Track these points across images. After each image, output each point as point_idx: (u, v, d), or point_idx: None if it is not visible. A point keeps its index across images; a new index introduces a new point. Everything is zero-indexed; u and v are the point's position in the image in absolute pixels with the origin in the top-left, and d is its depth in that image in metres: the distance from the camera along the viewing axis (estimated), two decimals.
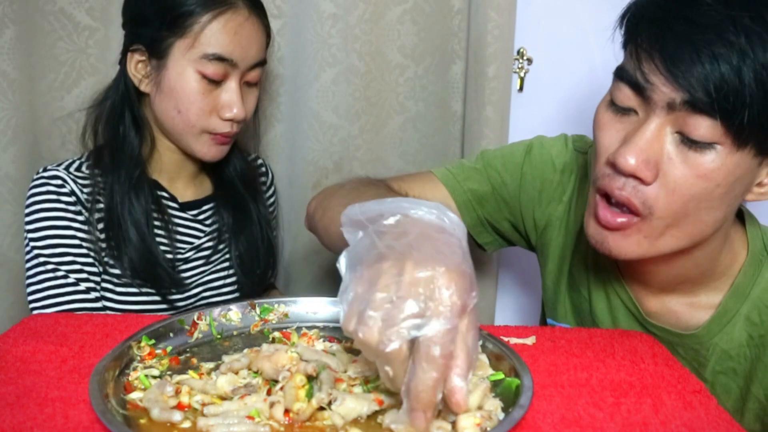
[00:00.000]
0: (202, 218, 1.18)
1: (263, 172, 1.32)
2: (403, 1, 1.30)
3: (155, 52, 1.05)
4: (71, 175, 1.07)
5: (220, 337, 0.78)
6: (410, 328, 0.52)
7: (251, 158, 1.29)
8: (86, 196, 1.07)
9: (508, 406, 0.61)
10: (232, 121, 1.08)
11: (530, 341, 0.78)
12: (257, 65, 1.10)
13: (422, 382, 0.52)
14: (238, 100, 1.07)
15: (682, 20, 0.71)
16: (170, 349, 0.74)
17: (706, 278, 0.86)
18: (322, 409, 0.59)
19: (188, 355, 0.73)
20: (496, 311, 1.47)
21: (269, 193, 1.32)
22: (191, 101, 1.05)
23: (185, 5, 1.03)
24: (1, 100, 1.21)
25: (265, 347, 0.70)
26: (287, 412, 0.59)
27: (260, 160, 1.33)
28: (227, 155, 1.17)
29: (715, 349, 0.86)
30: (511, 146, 1.05)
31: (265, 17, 1.11)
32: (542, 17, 1.36)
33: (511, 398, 0.63)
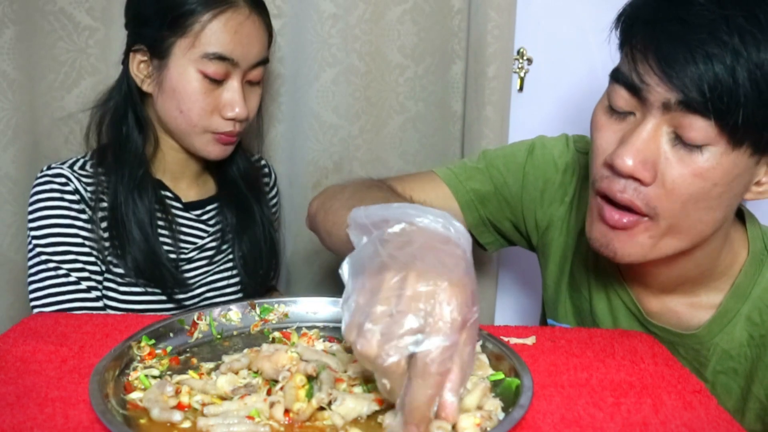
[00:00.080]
0: (205, 218, 1.18)
1: (266, 173, 1.31)
2: (403, 1, 1.30)
3: (157, 52, 1.05)
4: (75, 173, 1.07)
5: (220, 337, 0.78)
6: (409, 343, 0.52)
7: (255, 159, 1.29)
8: (90, 194, 1.06)
9: (508, 406, 0.61)
10: (234, 120, 1.08)
11: (530, 341, 0.78)
12: (259, 64, 1.10)
13: (418, 398, 0.52)
14: (240, 99, 1.07)
15: (675, 20, 0.71)
16: (170, 349, 0.74)
17: (706, 278, 0.86)
18: (322, 409, 0.59)
19: (188, 355, 0.73)
20: (496, 311, 1.47)
21: (272, 194, 1.32)
22: (193, 101, 1.05)
23: (186, 4, 1.03)
24: (1, 100, 1.21)
25: (265, 347, 0.70)
26: (287, 412, 0.59)
27: (263, 161, 1.32)
28: (231, 155, 1.16)
29: (715, 349, 0.86)
30: (512, 146, 1.05)
31: (266, 16, 1.11)
32: (542, 17, 1.36)
33: (511, 398, 0.63)
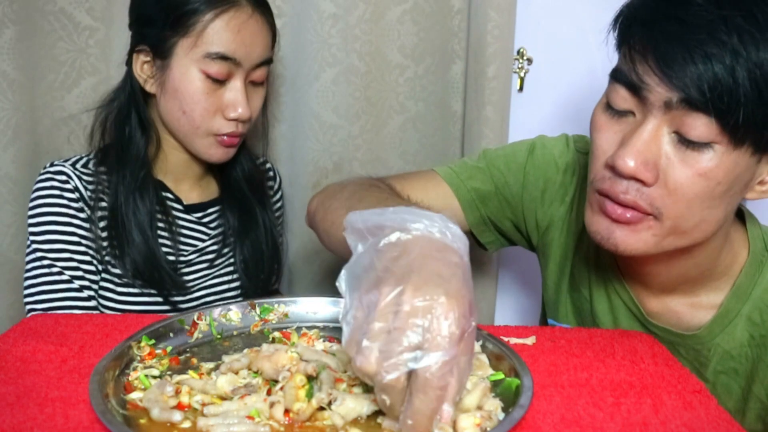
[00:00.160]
0: (206, 221, 1.18)
1: (271, 176, 1.30)
2: (403, 1, 1.30)
3: (159, 52, 1.05)
4: (77, 171, 1.07)
5: (220, 337, 0.78)
6: (408, 360, 0.52)
7: (260, 162, 1.28)
8: (90, 193, 1.06)
9: (508, 406, 0.61)
10: (237, 120, 1.07)
11: (530, 341, 0.78)
12: (262, 64, 1.09)
13: (420, 412, 0.52)
14: (243, 99, 1.06)
15: (673, 21, 0.71)
16: (170, 349, 0.73)
17: (706, 278, 0.86)
18: (322, 409, 0.59)
19: (188, 355, 0.73)
20: (496, 311, 1.47)
21: (276, 197, 1.31)
22: (195, 101, 1.05)
23: (188, 4, 1.02)
24: (1, 100, 1.21)
25: (265, 347, 0.70)
26: (287, 412, 0.59)
27: (269, 164, 1.31)
28: (235, 157, 1.16)
29: (716, 349, 0.86)
30: (513, 145, 1.05)
31: (269, 16, 1.10)
32: (542, 17, 1.36)
33: (511, 398, 0.63)
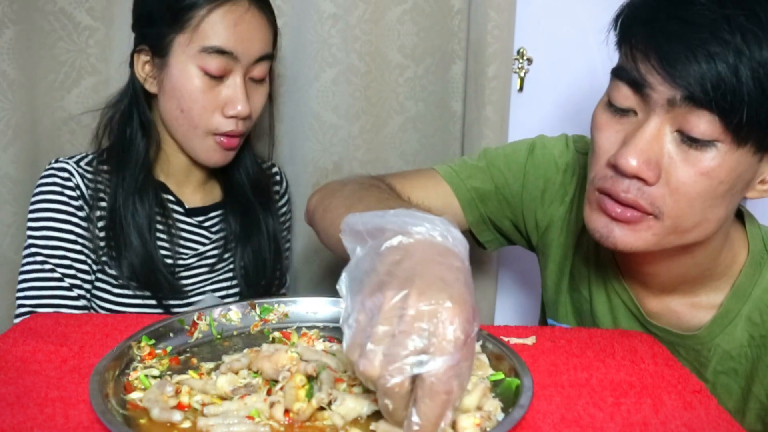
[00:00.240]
0: (208, 225, 1.16)
1: (277, 180, 1.27)
2: (403, 1, 1.30)
3: (158, 50, 1.04)
4: (80, 168, 1.06)
5: (220, 337, 0.78)
6: (413, 364, 0.51)
7: (266, 165, 1.25)
8: (90, 191, 1.05)
9: (508, 406, 0.61)
10: (236, 118, 1.05)
11: (530, 341, 0.78)
12: (262, 59, 1.06)
13: (427, 418, 0.52)
14: (242, 96, 1.04)
15: (676, 20, 0.71)
16: (170, 349, 0.73)
17: (706, 278, 0.86)
18: (322, 409, 0.59)
19: (188, 355, 0.73)
20: (496, 311, 1.47)
21: (282, 201, 1.28)
22: (193, 99, 1.03)
23: (184, 0, 1.01)
24: (1, 100, 1.21)
25: (265, 347, 0.70)
26: (287, 412, 0.59)
27: (276, 168, 1.29)
28: (239, 160, 1.14)
29: (716, 349, 0.86)
30: (513, 145, 1.04)
31: (268, 10, 1.08)
32: (542, 17, 1.36)
33: (511, 398, 0.63)
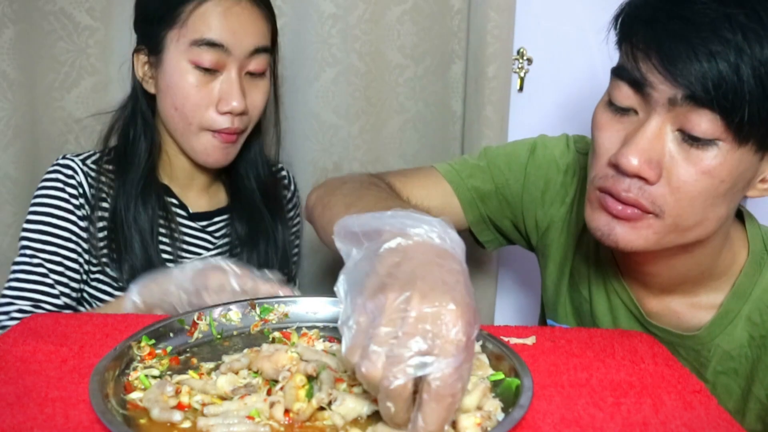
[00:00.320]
0: (212, 230, 1.14)
1: (285, 184, 1.24)
2: (403, 1, 1.30)
3: (153, 49, 1.03)
4: (85, 166, 1.05)
5: (220, 337, 0.78)
6: (417, 366, 0.51)
7: (276, 169, 1.22)
8: (93, 191, 1.04)
9: (508, 406, 0.61)
10: (231, 114, 1.02)
11: (530, 341, 0.78)
12: (257, 52, 1.03)
13: (433, 421, 0.51)
14: (237, 91, 1.01)
15: (676, 19, 0.71)
16: (170, 349, 0.73)
17: (706, 278, 0.86)
18: (322, 409, 0.59)
19: (188, 355, 0.73)
20: (496, 311, 1.47)
21: (290, 205, 1.25)
22: (185, 95, 1.01)
23: None
24: (1, 100, 1.21)
25: (265, 347, 0.70)
26: (287, 412, 0.59)
27: (284, 171, 1.26)
28: (248, 162, 1.12)
29: (716, 350, 0.86)
30: (514, 144, 1.04)
31: (262, 2, 1.05)
32: (542, 17, 1.36)
33: (511, 398, 0.63)
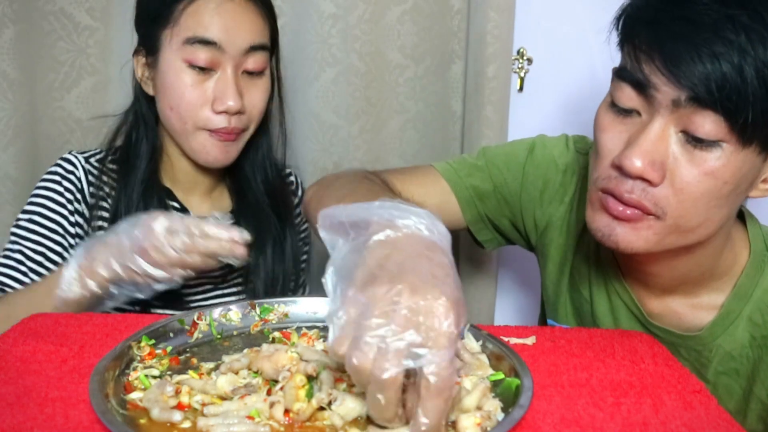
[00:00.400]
0: None
1: (293, 190, 1.21)
2: (403, 1, 1.30)
3: (151, 49, 1.02)
4: (88, 164, 1.04)
5: (220, 337, 0.78)
6: (409, 356, 0.51)
7: (285, 173, 1.20)
8: (93, 189, 1.03)
9: (508, 406, 0.61)
10: (227, 113, 0.99)
11: (530, 341, 0.78)
12: (254, 50, 1.00)
13: (434, 415, 0.51)
14: (232, 89, 0.98)
15: (679, 20, 0.70)
16: (170, 349, 0.73)
17: (707, 279, 0.86)
18: (322, 409, 0.59)
19: (188, 355, 0.73)
20: (496, 311, 1.47)
21: (298, 210, 1.21)
22: (180, 94, 0.98)
23: None
24: (1, 100, 1.21)
25: (265, 347, 0.70)
26: (287, 412, 0.59)
27: (292, 176, 1.23)
28: (253, 164, 1.10)
29: (717, 350, 0.86)
30: (513, 144, 1.04)
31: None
32: (542, 17, 1.36)
33: (511, 398, 0.63)
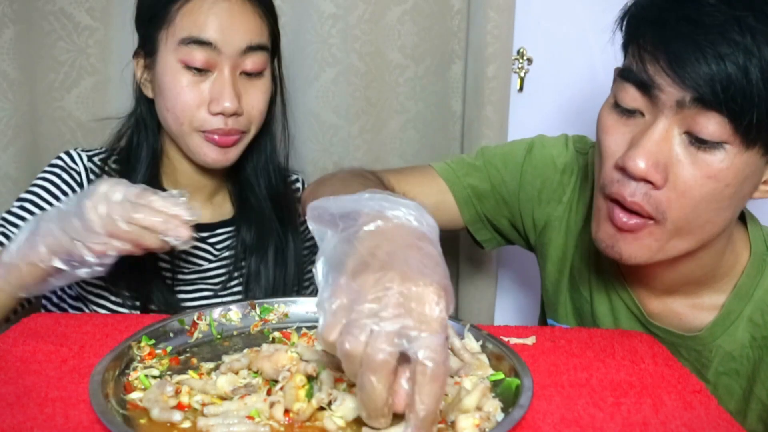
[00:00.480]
0: (213, 242, 1.09)
1: (299, 197, 1.16)
2: (403, 1, 1.30)
3: (148, 51, 1.01)
4: (90, 162, 1.04)
5: (220, 337, 0.78)
6: (402, 340, 0.51)
7: (292, 179, 1.17)
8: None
9: (508, 406, 0.61)
10: (223, 115, 0.97)
11: (530, 341, 0.78)
12: (252, 50, 0.98)
13: (432, 401, 0.51)
14: (228, 90, 0.96)
15: (684, 21, 0.70)
16: (170, 349, 0.73)
17: (709, 279, 0.86)
18: (322, 409, 0.59)
19: (188, 355, 0.73)
20: (496, 311, 1.47)
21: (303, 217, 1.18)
22: (175, 95, 0.97)
23: None
24: (1, 100, 1.21)
25: (265, 347, 0.70)
26: (287, 412, 0.59)
27: (299, 183, 1.20)
28: (256, 169, 1.09)
29: (718, 350, 0.86)
30: (511, 144, 1.04)
31: None
32: (542, 17, 1.36)
33: (511, 398, 0.63)
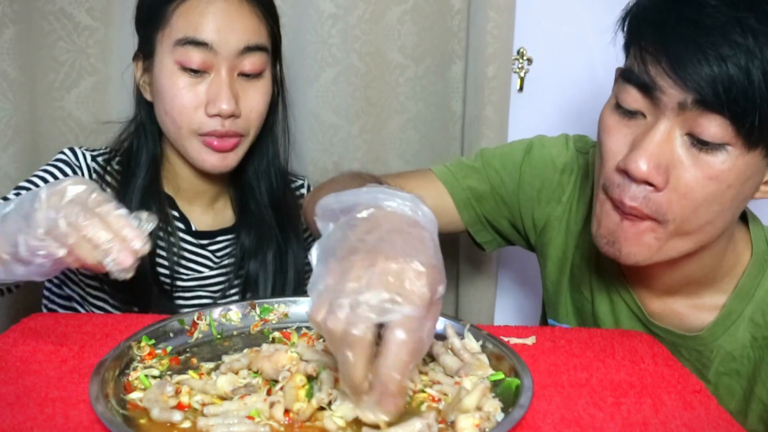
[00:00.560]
0: (213, 249, 1.08)
1: (302, 204, 1.14)
2: (403, 1, 1.30)
3: (146, 53, 1.01)
4: (93, 162, 1.03)
5: (220, 337, 0.78)
6: (378, 312, 0.51)
7: (297, 184, 1.17)
8: None
9: (508, 406, 0.61)
10: (220, 117, 0.96)
11: (530, 341, 0.78)
12: (249, 51, 0.97)
13: (393, 366, 0.52)
14: (225, 92, 0.95)
15: (685, 22, 0.70)
16: (170, 349, 0.74)
17: (710, 280, 0.86)
18: (322, 409, 0.59)
19: (188, 355, 0.73)
20: (496, 311, 1.47)
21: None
22: (172, 97, 0.96)
23: None
24: (1, 100, 1.21)
25: (265, 347, 0.70)
26: (287, 412, 0.59)
27: (303, 189, 1.19)
28: (257, 173, 1.08)
29: (718, 350, 0.86)
30: (510, 145, 1.04)
31: None
32: (542, 17, 1.36)
33: (511, 398, 0.63)
